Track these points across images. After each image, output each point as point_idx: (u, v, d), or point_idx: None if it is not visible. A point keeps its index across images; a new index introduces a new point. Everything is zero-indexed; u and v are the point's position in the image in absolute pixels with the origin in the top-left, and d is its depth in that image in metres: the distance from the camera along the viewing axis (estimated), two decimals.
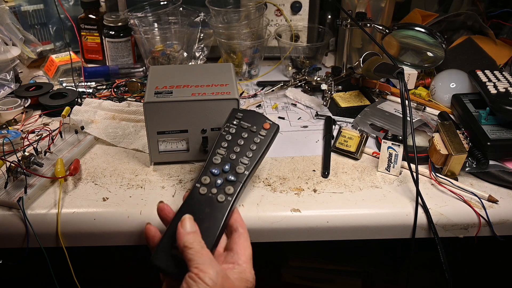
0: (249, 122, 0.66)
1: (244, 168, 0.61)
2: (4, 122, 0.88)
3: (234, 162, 0.61)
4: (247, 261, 0.54)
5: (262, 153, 0.63)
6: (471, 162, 0.75)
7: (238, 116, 0.66)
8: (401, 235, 0.69)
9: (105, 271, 0.98)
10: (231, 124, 0.66)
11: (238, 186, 0.59)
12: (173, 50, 1.06)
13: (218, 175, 0.60)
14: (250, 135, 0.64)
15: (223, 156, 0.62)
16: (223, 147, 0.63)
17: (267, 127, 0.66)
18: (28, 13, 1.13)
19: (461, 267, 0.81)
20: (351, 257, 1.06)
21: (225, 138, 0.64)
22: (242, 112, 0.67)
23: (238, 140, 0.64)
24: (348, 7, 1.08)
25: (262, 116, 0.67)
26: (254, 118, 0.66)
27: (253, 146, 0.63)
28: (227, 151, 0.63)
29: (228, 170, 0.61)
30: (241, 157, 0.62)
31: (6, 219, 0.65)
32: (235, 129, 0.65)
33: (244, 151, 0.63)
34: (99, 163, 0.78)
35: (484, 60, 1.00)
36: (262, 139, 0.64)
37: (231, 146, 0.63)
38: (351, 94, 0.99)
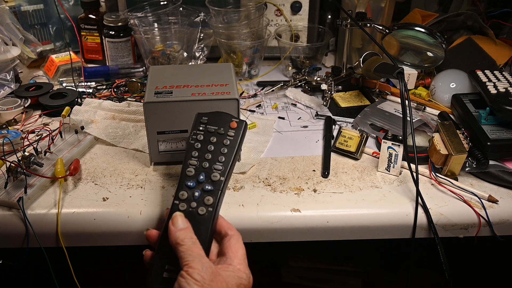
0: (215, 124, 0.63)
1: (219, 174, 0.59)
2: (4, 122, 0.88)
3: (208, 171, 0.60)
4: (240, 262, 0.54)
5: (234, 155, 0.61)
6: (471, 162, 0.75)
7: (203, 120, 0.64)
8: (401, 235, 0.69)
9: (105, 271, 0.98)
10: (197, 130, 0.63)
11: (217, 195, 0.58)
12: (173, 50, 1.06)
13: (194, 188, 0.58)
14: (219, 138, 0.62)
15: (195, 167, 0.60)
16: (194, 157, 0.61)
17: (234, 126, 0.63)
18: (28, 13, 1.13)
19: (461, 267, 0.81)
20: (351, 257, 1.06)
21: (194, 147, 0.62)
22: (206, 116, 0.65)
23: (207, 146, 0.62)
24: (348, 7, 1.08)
25: (227, 115, 0.64)
26: (220, 119, 0.64)
27: (224, 149, 0.61)
28: (198, 160, 0.61)
29: (203, 180, 0.59)
30: (214, 164, 0.60)
31: (6, 219, 0.65)
32: (203, 135, 0.63)
33: (216, 156, 0.61)
34: (99, 163, 0.78)
35: (484, 60, 1.00)
36: (231, 140, 0.62)
37: (202, 154, 0.61)
38: (351, 94, 0.99)
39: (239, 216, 0.66)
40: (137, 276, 0.97)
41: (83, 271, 0.69)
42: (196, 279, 0.48)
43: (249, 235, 0.67)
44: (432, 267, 0.92)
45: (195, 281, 0.48)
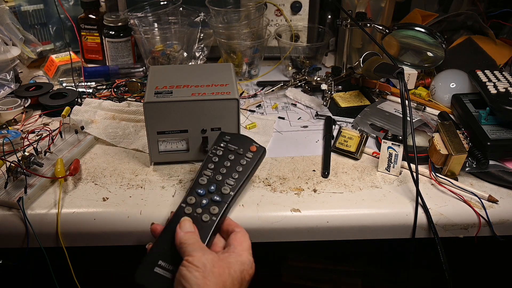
0: (236, 144, 0.67)
1: (229, 189, 0.62)
2: (4, 122, 0.88)
3: (219, 183, 0.63)
4: (244, 249, 0.54)
5: (248, 175, 0.64)
6: (471, 162, 0.75)
7: (226, 139, 0.68)
8: (401, 235, 0.69)
9: (105, 271, 0.98)
10: (218, 146, 0.67)
11: (223, 207, 0.60)
12: (173, 50, 1.06)
13: (203, 196, 0.61)
14: (237, 157, 0.66)
15: (209, 177, 0.63)
16: (209, 168, 0.64)
17: (254, 149, 0.67)
18: (28, 13, 1.13)
19: (461, 267, 0.81)
20: (351, 257, 1.06)
21: (212, 160, 0.65)
22: (229, 136, 0.68)
23: (224, 162, 0.65)
24: (348, 7, 1.08)
25: (249, 139, 0.68)
26: (241, 141, 0.68)
27: (239, 168, 0.65)
28: (213, 172, 0.64)
29: (213, 190, 0.62)
30: (226, 178, 0.63)
31: (6, 219, 0.65)
32: (222, 151, 0.66)
33: (230, 172, 0.64)
34: (99, 163, 0.78)
35: (484, 60, 1.00)
36: (248, 161, 0.65)
37: (218, 167, 0.64)
38: (351, 94, 0.99)
39: (239, 216, 0.66)
40: None
41: (83, 271, 0.69)
42: (197, 265, 0.49)
43: (249, 235, 0.67)
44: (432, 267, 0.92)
45: (196, 268, 0.49)
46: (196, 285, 0.47)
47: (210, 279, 0.48)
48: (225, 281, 0.49)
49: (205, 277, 0.48)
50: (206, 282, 0.48)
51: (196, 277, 0.48)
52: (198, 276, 0.48)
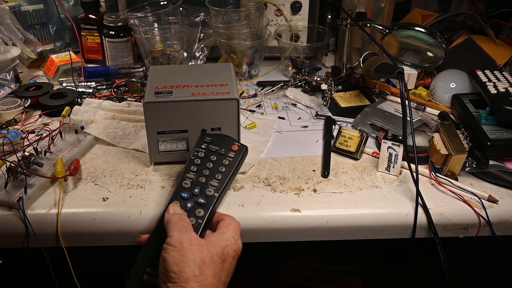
0: (217, 145, 0.67)
1: (213, 190, 0.61)
2: (4, 122, 0.88)
3: (203, 185, 0.62)
4: (229, 229, 0.55)
5: (231, 175, 0.64)
6: (471, 162, 0.75)
7: (207, 140, 0.68)
8: (401, 235, 0.69)
9: (105, 271, 0.98)
10: (199, 148, 0.67)
11: (209, 209, 0.59)
12: (173, 50, 1.06)
13: (188, 199, 0.60)
14: (219, 157, 0.65)
15: (192, 180, 0.63)
16: (192, 171, 0.64)
17: (235, 149, 0.66)
18: (28, 13, 1.13)
19: (461, 267, 0.81)
20: (351, 257, 1.06)
21: (194, 162, 0.65)
22: (210, 136, 0.68)
23: (207, 163, 0.65)
24: (348, 7, 1.08)
25: (230, 139, 0.68)
26: (222, 141, 0.67)
27: (222, 168, 0.64)
28: (196, 175, 0.63)
29: (197, 193, 0.61)
30: (210, 180, 0.63)
31: (6, 219, 0.65)
32: (204, 153, 0.66)
33: (213, 173, 0.63)
34: (99, 163, 0.78)
35: (484, 60, 1.00)
36: (230, 161, 0.65)
37: (200, 169, 0.64)
38: (351, 94, 0.99)
39: (239, 216, 0.66)
40: None
41: (83, 271, 0.69)
42: (174, 245, 0.49)
43: (249, 235, 0.67)
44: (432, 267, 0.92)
45: (172, 247, 0.49)
46: (174, 264, 0.48)
47: (187, 255, 0.49)
48: (204, 257, 0.49)
49: (182, 255, 0.49)
50: (183, 259, 0.48)
51: (173, 256, 0.49)
52: (175, 255, 0.49)
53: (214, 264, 0.50)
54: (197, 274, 0.48)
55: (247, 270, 0.96)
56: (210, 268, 0.49)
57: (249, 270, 0.97)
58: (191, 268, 0.48)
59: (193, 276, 0.47)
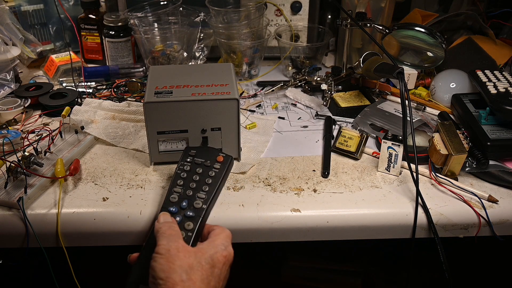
0: (202, 157, 0.67)
1: (201, 202, 0.61)
2: (4, 122, 0.88)
3: (191, 198, 0.62)
4: (218, 238, 0.55)
5: (218, 186, 0.64)
6: (471, 162, 0.75)
7: (191, 153, 0.68)
8: (401, 235, 0.69)
9: (105, 271, 0.98)
10: (185, 162, 0.67)
11: (198, 221, 0.59)
12: (173, 50, 1.06)
13: (176, 213, 0.60)
14: (205, 169, 0.66)
15: (179, 194, 0.63)
16: (179, 185, 0.64)
17: (221, 160, 0.67)
18: (28, 13, 1.13)
19: (461, 267, 0.81)
20: (351, 257, 1.06)
21: (180, 176, 0.65)
22: (195, 149, 0.68)
23: (193, 176, 0.65)
24: (348, 7, 1.08)
25: (215, 150, 0.68)
26: (207, 153, 0.68)
27: (209, 180, 0.64)
28: (183, 188, 0.63)
29: (186, 206, 0.61)
30: (197, 192, 0.63)
31: (6, 219, 0.65)
32: (189, 166, 0.66)
33: (200, 185, 0.63)
34: (99, 163, 0.78)
35: (484, 60, 1.00)
36: (216, 172, 0.65)
37: (187, 183, 0.64)
38: (351, 94, 0.99)
39: (239, 216, 0.66)
40: None
41: (83, 271, 0.69)
42: (161, 253, 0.50)
43: (249, 235, 0.67)
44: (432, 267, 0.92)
45: (160, 255, 0.50)
46: (161, 270, 0.48)
47: (174, 262, 0.49)
48: (191, 263, 0.50)
49: (169, 261, 0.49)
50: (170, 265, 0.48)
51: (160, 263, 0.49)
52: (162, 262, 0.49)
53: (203, 269, 0.50)
54: (184, 279, 0.48)
55: (247, 270, 0.96)
56: (197, 273, 0.49)
57: (249, 270, 0.97)
58: (178, 274, 0.48)
59: (180, 281, 0.48)
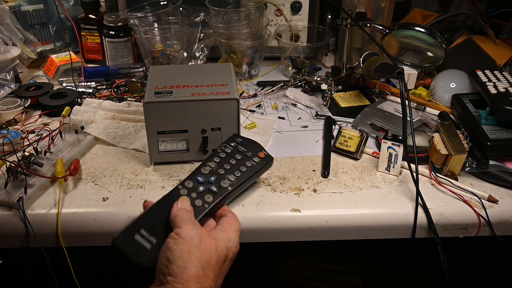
0: (246, 147, 0.68)
1: (228, 183, 0.62)
2: (4, 122, 0.88)
3: (220, 177, 0.63)
4: (232, 229, 0.55)
5: (249, 177, 0.65)
6: (471, 162, 0.75)
7: (238, 140, 0.69)
8: (401, 235, 0.69)
9: (105, 271, 0.98)
10: (228, 145, 0.68)
11: (218, 198, 0.60)
12: (173, 50, 1.06)
13: (202, 183, 0.61)
14: (244, 158, 0.66)
15: (212, 169, 0.64)
16: (214, 161, 0.65)
17: (262, 156, 0.68)
18: (28, 13, 1.13)
19: (461, 267, 0.81)
20: (351, 257, 1.06)
21: (219, 155, 0.66)
22: (242, 139, 0.69)
23: (230, 159, 0.66)
24: (348, 7, 1.08)
25: (259, 146, 0.69)
26: (252, 146, 0.69)
27: (243, 168, 0.65)
28: (217, 166, 0.64)
29: (213, 181, 0.62)
30: (228, 174, 0.64)
31: (6, 219, 0.65)
32: (231, 150, 0.67)
33: (233, 169, 0.64)
34: (99, 163, 0.78)
35: (484, 60, 1.00)
36: (253, 165, 0.66)
37: (222, 162, 0.65)
38: (351, 94, 0.99)
39: (239, 216, 0.66)
40: (137, 276, 0.97)
41: (83, 271, 0.69)
42: (184, 238, 0.49)
43: (249, 235, 0.67)
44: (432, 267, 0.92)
45: (182, 240, 0.49)
46: (180, 258, 0.47)
47: (195, 253, 0.48)
48: (210, 258, 0.49)
49: (190, 251, 0.48)
50: (191, 256, 0.47)
51: (181, 249, 0.48)
52: (183, 249, 0.48)
53: (218, 266, 0.50)
54: (200, 275, 0.47)
55: (247, 270, 0.96)
56: (212, 270, 0.49)
57: (249, 270, 0.97)
58: (196, 268, 0.47)
59: (196, 276, 0.47)
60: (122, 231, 0.54)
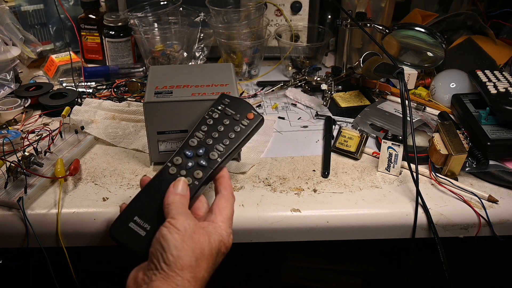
0: (234, 109, 0.65)
1: (217, 155, 0.60)
2: (4, 122, 0.88)
3: (209, 148, 0.61)
4: (223, 220, 0.55)
5: (239, 143, 0.62)
6: (471, 162, 0.75)
7: (225, 102, 0.66)
8: (401, 235, 0.69)
9: (105, 271, 0.98)
10: (215, 108, 0.65)
11: (208, 172, 0.59)
12: (173, 50, 1.06)
13: (190, 158, 0.60)
14: (232, 122, 0.64)
15: (200, 140, 0.62)
16: (202, 130, 0.63)
17: (251, 117, 0.64)
18: (28, 13, 1.13)
19: (461, 267, 0.81)
20: (351, 257, 1.06)
21: (206, 122, 0.64)
22: (229, 99, 0.66)
23: (218, 126, 0.63)
24: (348, 7, 1.08)
25: (248, 106, 0.66)
26: (240, 106, 0.65)
27: (232, 134, 0.63)
28: (205, 135, 0.62)
29: (201, 154, 0.60)
30: (217, 144, 0.61)
31: (6, 219, 0.65)
32: (218, 114, 0.64)
33: (222, 138, 0.62)
34: (99, 163, 0.78)
35: (484, 60, 1.00)
36: (242, 128, 0.63)
37: (210, 131, 0.63)
38: (351, 94, 0.99)
39: (239, 216, 0.66)
40: None
41: (83, 271, 0.69)
42: (178, 228, 0.49)
43: (249, 235, 0.67)
44: (432, 267, 0.92)
45: (177, 230, 0.49)
46: (174, 246, 0.48)
47: (188, 243, 0.49)
48: (203, 249, 0.50)
49: (184, 241, 0.49)
50: (184, 245, 0.48)
51: (175, 238, 0.49)
52: (177, 238, 0.49)
53: (211, 257, 0.51)
54: (194, 265, 0.48)
55: (247, 270, 0.96)
56: (205, 261, 0.50)
57: (249, 270, 0.97)
58: (189, 257, 0.48)
59: (189, 266, 0.48)
60: (117, 219, 0.55)
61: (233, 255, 0.56)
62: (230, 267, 0.56)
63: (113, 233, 0.54)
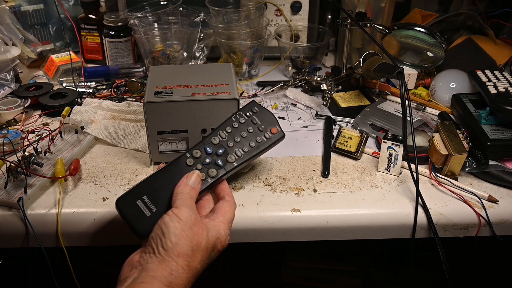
0: (260, 119, 0.67)
1: (235, 159, 0.62)
2: (4, 122, 0.88)
3: (229, 150, 0.63)
4: (224, 221, 0.56)
5: (257, 153, 0.65)
6: (471, 162, 0.75)
7: (254, 109, 0.68)
8: (401, 235, 0.69)
9: (105, 271, 0.98)
10: (244, 114, 0.67)
11: (222, 173, 0.61)
12: (173, 50, 1.06)
13: (209, 154, 0.61)
14: (256, 132, 0.66)
15: (222, 140, 0.64)
16: (226, 131, 0.64)
17: (274, 131, 0.67)
18: (28, 13, 1.13)
19: (461, 267, 0.81)
20: (351, 257, 1.06)
21: (232, 125, 0.65)
22: (258, 108, 0.68)
23: (242, 132, 0.65)
24: (348, 7, 1.08)
25: (274, 120, 0.68)
26: (267, 118, 0.68)
27: (253, 143, 0.65)
28: (227, 136, 0.64)
29: (220, 154, 0.62)
30: (237, 148, 0.63)
31: (6, 219, 0.65)
32: (245, 120, 0.66)
33: (243, 144, 0.64)
34: (99, 163, 0.78)
35: (484, 60, 1.00)
36: (264, 140, 0.66)
37: (234, 134, 0.65)
38: (351, 94, 0.99)
39: (239, 216, 0.66)
40: None
41: (83, 271, 0.69)
42: (180, 218, 0.51)
43: (249, 235, 0.67)
44: (432, 267, 0.92)
45: (178, 219, 0.51)
46: (174, 233, 0.50)
47: (187, 233, 0.51)
48: (200, 241, 0.51)
49: (183, 230, 0.51)
50: (183, 234, 0.50)
51: (175, 226, 0.51)
52: (177, 227, 0.51)
53: (206, 251, 0.52)
54: (189, 254, 0.50)
55: (247, 270, 0.96)
56: (200, 253, 0.51)
57: (249, 270, 0.97)
58: (186, 246, 0.50)
59: (185, 254, 0.50)
60: (126, 193, 0.56)
61: (234, 255, 0.56)
62: (230, 267, 0.56)
63: (120, 205, 0.55)
